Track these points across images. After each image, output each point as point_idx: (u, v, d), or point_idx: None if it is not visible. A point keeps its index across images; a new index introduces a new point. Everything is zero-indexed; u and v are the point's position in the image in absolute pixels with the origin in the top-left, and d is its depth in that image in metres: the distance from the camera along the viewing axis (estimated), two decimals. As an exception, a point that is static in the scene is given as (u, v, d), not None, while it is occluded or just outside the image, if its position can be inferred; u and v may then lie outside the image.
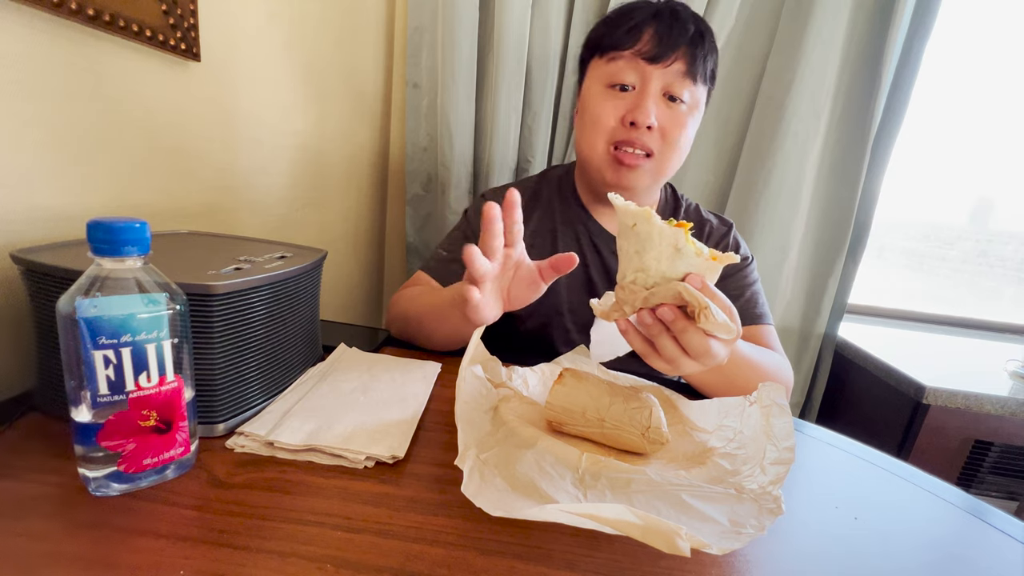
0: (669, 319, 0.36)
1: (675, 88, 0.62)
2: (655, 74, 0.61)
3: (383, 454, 0.37)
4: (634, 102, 0.61)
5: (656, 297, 0.36)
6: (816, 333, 1.14)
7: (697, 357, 0.38)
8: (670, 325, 0.37)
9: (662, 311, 0.36)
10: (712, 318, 0.34)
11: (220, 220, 0.67)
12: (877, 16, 0.96)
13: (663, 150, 0.63)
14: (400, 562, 0.28)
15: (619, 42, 0.61)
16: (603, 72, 0.63)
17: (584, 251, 0.72)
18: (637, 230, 0.36)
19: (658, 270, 0.36)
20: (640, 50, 0.60)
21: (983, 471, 0.98)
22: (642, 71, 0.61)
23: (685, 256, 0.36)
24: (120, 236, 0.28)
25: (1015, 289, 1.51)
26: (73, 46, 0.45)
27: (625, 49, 0.61)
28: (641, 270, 0.37)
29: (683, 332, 0.36)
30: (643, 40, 0.60)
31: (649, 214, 0.36)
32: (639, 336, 0.40)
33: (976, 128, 1.38)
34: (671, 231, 0.35)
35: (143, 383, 0.30)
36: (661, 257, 0.36)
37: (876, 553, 0.34)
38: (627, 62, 0.61)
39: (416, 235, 1.13)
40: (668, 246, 0.35)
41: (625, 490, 0.34)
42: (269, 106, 0.75)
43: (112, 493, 0.30)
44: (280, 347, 0.43)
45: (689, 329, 0.36)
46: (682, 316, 0.36)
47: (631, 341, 0.40)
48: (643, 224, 0.36)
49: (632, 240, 0.37)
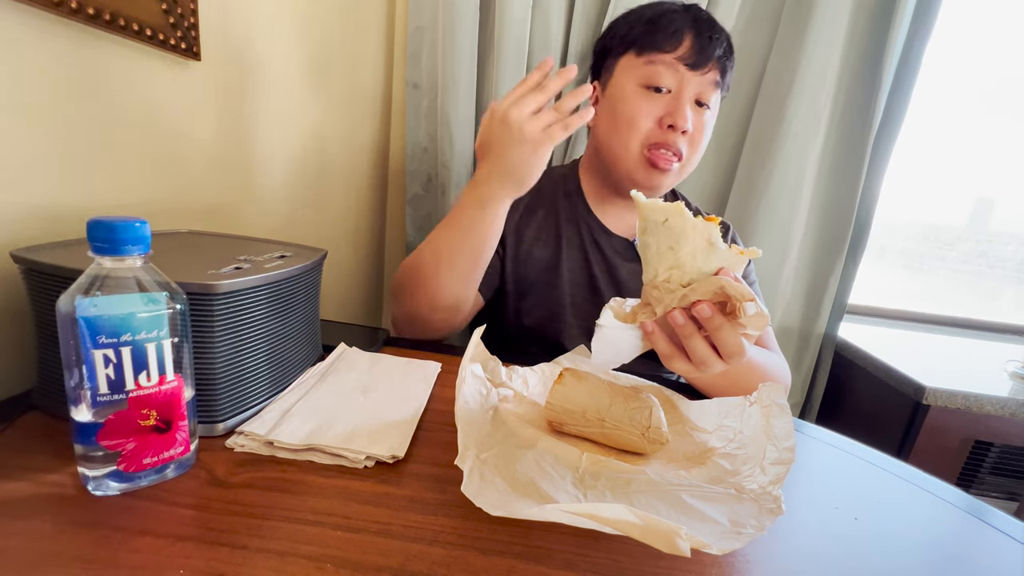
0: (706, 316, 0.35)
1: (705, 95, 0.63)
2: (693, 80, 0.62)
3: (383, 454, 0.37)
4: (673, 105, 0.62)
5: (695, 294, 0.35)
6: (816, 333, 1.14)
7: (729, 356, 0.36)
8: (705, 323, 0.35)
9: (700, 308, 0.35)
10: (751, 311, 0.33)
11: (220, 219, 0.67)
12: (877, 16, 0.96)
13: (690, 154, 0.65)
14: (400, 562, 0.28)
15: (661, 44, 0.62)
16: (640, 72, 0.64)
17: (587, 249, 0.72)
18: (670, 225, 0.35)
19: (693, 265, 0.35)
20: (681, 56, 0.61)
21: (983, 471, 0.98)
22: (680, 76, 0.62)
23: (718, 250, 0.34)
24: (120, 235, 0.28)
25: (1015, 289, 1.51)
26: (73, 45, 0.45)
27: (667, 53, 0.62)
28: (676, 267, 0.35)
29: (718, 330, 0.35)
30: (684, 46, 0.61)
31: (681, 207, 0.34)
32: (664, 338, 0.38)
33: (976, 128, 1.38)
34: (704, 225, 0.34)
35: (143, 382, 0.30)
36: (696, 252, 0.34)
37: (876, 553, 0.34)
38: (667, 67, 0.62)
39: (416, 235, 1.13)
40: (702, 240, 0.34)
41: (625, 490, 0.34)
42: (269, 106, 0.75)
43: (112, 492, 0.30)
44: (280, 347, 0.43)
45: (725, 326, 0.35)
46: (719, 313, 0.35)
47: (655, 343, 0.38)
48: (676, 218, 0.34)
49: (663, 236, 0.35)
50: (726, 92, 0.68)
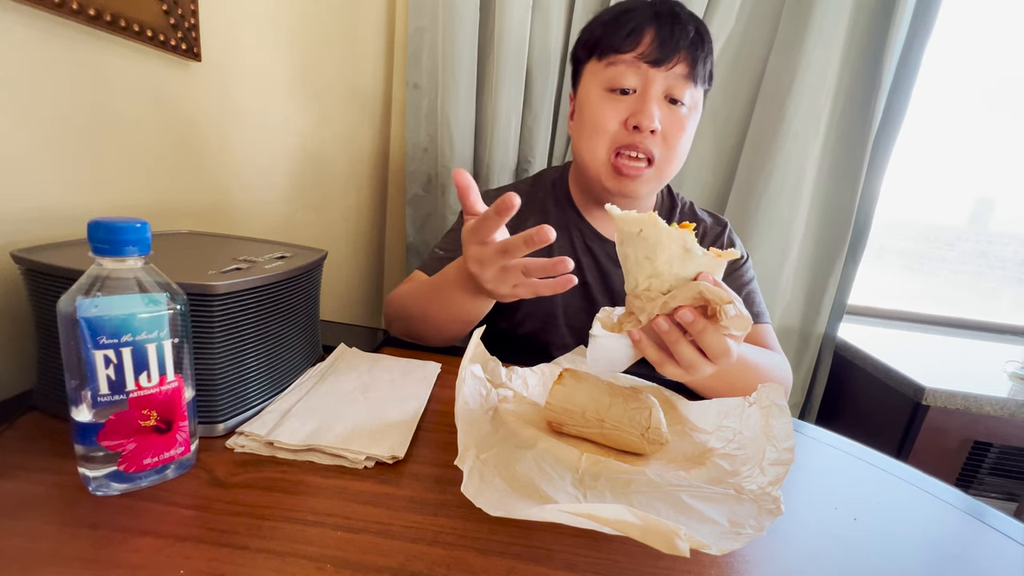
0: (688, 321, 0.35)
1: (676, 90, 0.61)
2: (657, 77, 0.60)
3: (383, 454, 0.37)
4: (636, 106, 0.60)
5: (675, 300, 0.36)
6: (816, 333, 1.14)
7: (716, 358, 0.37)
8: (689, 327, 0.36)
9: (682, 314, 0.35)
10: (737, 311, 0.34)
11: (220, 220, 0.67)
12: (877, 16, 0.96)
13: (664, 155, 0.62)
14: (400, 562, 0.28)
15: (619, 45, 0.60)
16: (602, 76, 0.62)
17: (579, 255, 0.71)
18: (644, 235, 0.36)
19: (671, 273, 0.36)
20: (642, 53, 0.59)
21: (982, 472, 0.98)
22: (644, 74, 0.60)
23: (695, 256, 0.35)
24: (121, 236, 0.28)
25: (1015, 290, 1.51)
26: (74, 46, 0.45)
27: (626, 52, 0.60)
28: (655, 275, 0.36)
29: (702, 333, 0.36)
30: (644, 43, 0.59)
31: (654, 218, 0.35)
32: (652, 345, 0.39)
33: (976, 128, 1.38)
34: (679, 233, 0.35)
35: (143, 383, 0.30)
36: (672, 260, 0.35)
37: (875, 554, 0.34)
38: (628, 66, 0.60)
39: (416, 235, 1.13)
40: (678, 247, 0.35)
41: (625, 490, 0.34)
42: (270, 106, 0.75)
43: (112, 493, 0.30)
44: (280, 347, 0.43)
45: (708, 329, 0.36)
46: (701, 317, 0.36)
47: (644, 351, 0.39)
48: (650, 229, 0.35)
49: (640, 246, 0.36)
50: (708, 85, 0.65)
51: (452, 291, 0.54)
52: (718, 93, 1.05)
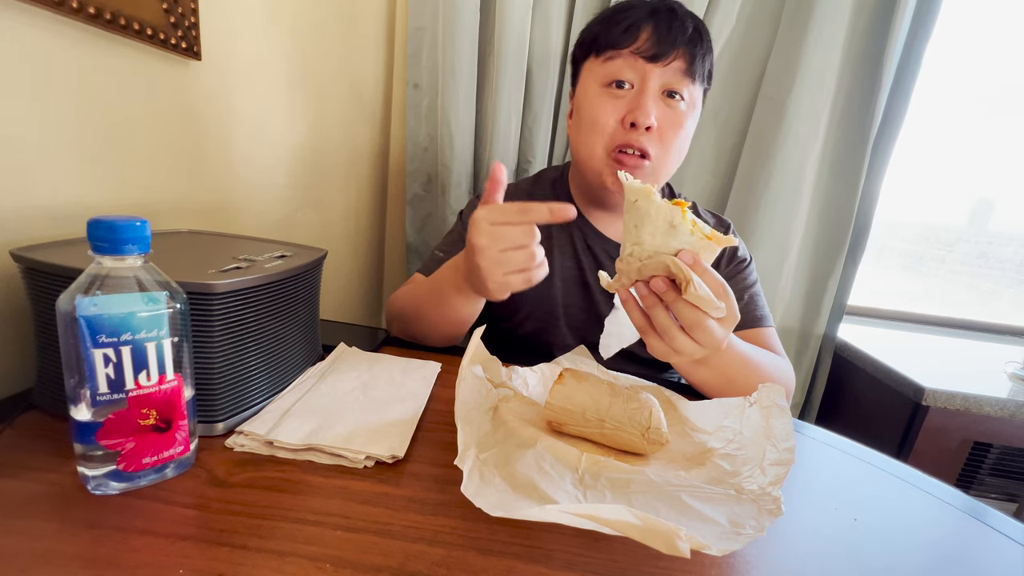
0: (661, 290, 0.39)
1: (675, 86, 0.60)
2: (655, 73, 0.59)
3: (383, 454, 0.37)
4: (634, 102, 0.60)
5: (648, 269, 0.39)
6: (816, 334, 1.14)
7: (691, 330, 0.40)
8: (662, 296, 0.39)
9: (654, 282, 0.39)
10: (695, 291, 0.36)
11: (220, 219, 0.67)
12: (878, 17, 0.96)
13: (660, 153, 0.62)
14: (400, 562, 0.28)
15: (616, 41, 0.60)
16: (600, 72, 0.62)
17: (579, 254, 0.71)
18: (638, 205, 0.38)
19: (652, 244, 0.38)
20: (639, 48, 0.59)
21: (982, 473, 0.98)
22: (641, 70, 0.60)
23: (679, 233, 0.38)
24: (120, 234, 0.28)
25: (1014, 291, 1.51)
26: (74, 45, 0.45)
27: (623, 48, 0.59)
28: (637, 243, 0.39)
29: (673, 303, 0.39)
30: (641, 38, 0.59)
31: (650, 191, 0.38)
32: (637, 309, 0.42)
33: (976, 129, 1.38)
34: (668, 208, 0.37)
35: (143, 382, 0.30)
36: (656, 232, 0.38)
37: (875, 554, 0.34)
38: (625, 60, 0.60)
39: (416, 235, 1.13)
40: (664, 222, 0.38)
41: (625, 491, 0.34)
42: (270, 105, 0.75)
43: (111, 492, 0.30)
44: (280, 346, 0.43)
45: (679, 301, 0.39)
46: (672, 288, 0.39)
47: (630, 312, 0.43)
48: (643, 200, 0.38)
49: (632, 215, 0.39)
50: (707, 84, 0.65)
51: (445, 291, 0.56)
52: (718, 93, 1.05)
